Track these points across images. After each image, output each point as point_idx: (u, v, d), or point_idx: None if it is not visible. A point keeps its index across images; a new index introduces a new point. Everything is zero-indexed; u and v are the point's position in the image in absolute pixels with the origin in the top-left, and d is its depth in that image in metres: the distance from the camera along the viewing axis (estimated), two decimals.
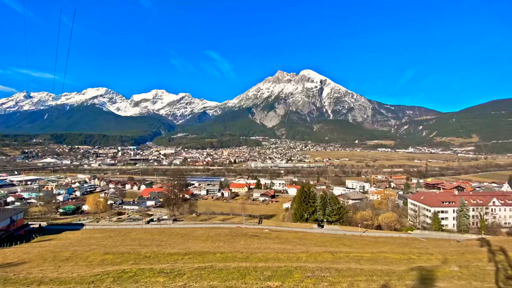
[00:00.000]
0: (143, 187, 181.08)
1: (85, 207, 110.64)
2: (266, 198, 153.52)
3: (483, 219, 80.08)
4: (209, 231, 59.86)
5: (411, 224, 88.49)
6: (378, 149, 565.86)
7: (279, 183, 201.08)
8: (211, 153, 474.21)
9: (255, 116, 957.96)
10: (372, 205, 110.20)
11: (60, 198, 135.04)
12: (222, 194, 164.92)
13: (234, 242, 47.09)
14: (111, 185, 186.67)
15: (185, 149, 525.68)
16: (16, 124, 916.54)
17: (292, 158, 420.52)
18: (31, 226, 67.04)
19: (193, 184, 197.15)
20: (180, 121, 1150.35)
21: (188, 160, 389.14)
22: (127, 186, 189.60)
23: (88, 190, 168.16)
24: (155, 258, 31.60)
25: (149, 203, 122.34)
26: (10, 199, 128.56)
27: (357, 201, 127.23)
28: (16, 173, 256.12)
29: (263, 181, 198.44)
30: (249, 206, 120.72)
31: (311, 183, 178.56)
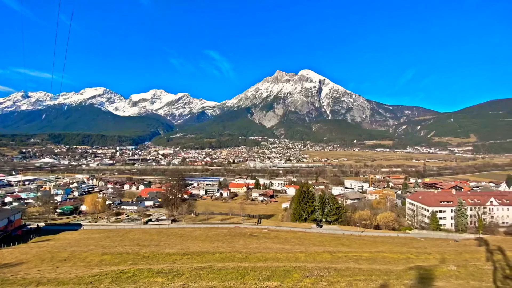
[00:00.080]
0: (141, 187, 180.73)
1: (83, 208, 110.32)
2: (265, 198, 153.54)
3: (481, 218, 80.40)
4: (208, 231, 59.76)
5: (409, 223, 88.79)
6: (376, 149, 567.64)
7: (278, 183, 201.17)
8: (210, 153, 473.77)
9: (254, 116, 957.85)
10: (371, 205, 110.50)
11: (58, 198, 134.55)
12: (221, 194, 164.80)
13: (233, 242, 47.05)
14: (110, 185, 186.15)
15: (184, 149, 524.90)
16: (13, 124, 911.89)
17: (291, 158, 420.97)
18: (29, 226, 66.67)
19: (192, 184, 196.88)
20: (179, 121, 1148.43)
21: (187, 160, 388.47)
22: (126, 186, 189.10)
23: (86, 190, 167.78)
24: (154, 258, 31.52)
25: (148, 203, 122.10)
26: (7, 199, 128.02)
27: (355, 201, 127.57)
28: (13, 173, 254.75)
29: (262, 181, 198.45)
30: (248, 206, 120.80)
31: (310, 183, 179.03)
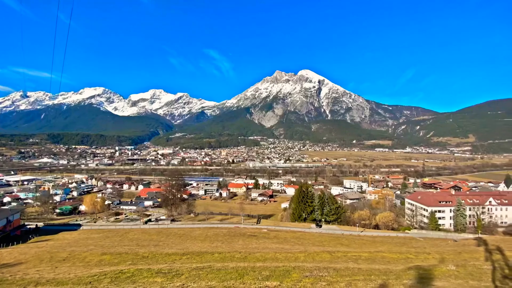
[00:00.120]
0: (140, 187, 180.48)
1: (82, 208, 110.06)
2: (264, 198, 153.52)
3: (480, 218, 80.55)
4: (207, 231, 59.72)
5: (409, 223, 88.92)
6: (375, 149, 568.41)
7: (277, 183, 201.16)
8: (209, 153, 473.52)
9: (253, 116, 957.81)
10: (370, 205, 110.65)
11: (57, 198, 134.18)
12: (220, 194, 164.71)
13: (232, 242, 47.02)
14: (109, 185, 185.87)
15: (183, 149, 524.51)
16: (12, 123, 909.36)
17: (290, 158, 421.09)
18: (28, 226, 66.52)
19: (191, 184, 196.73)
20: (178, 121, 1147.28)
21: (186, 160, 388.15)
22: (125, 186, 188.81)
23: (85, 190, 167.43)
24: (153, 258, 31.49)
25: (147, 203, 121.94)
26: (6, 199, 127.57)
27: (355, 200, 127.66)
28: (12, 173, 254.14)
29: (261, 181, 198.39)
30: (247, 206, 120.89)
31: (309, 183, 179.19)
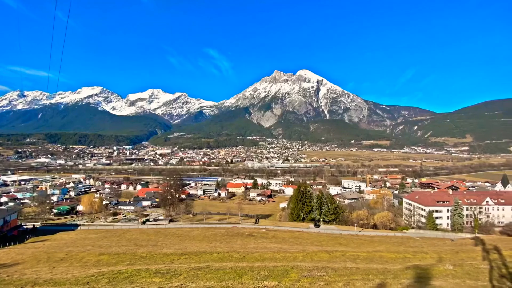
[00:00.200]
0: (139, 187, 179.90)
1: (80, 208, 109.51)
2: (263, 198, 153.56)
3: (477, 218, 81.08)
4: (205, 231, 59.65)
5: (406, 223, 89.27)
6: (373, 149, 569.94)
7: (276, 183, 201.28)
8: (208, 153, 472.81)
9: (252, 116, 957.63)
10: (368, 205, 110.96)
11: (54, 198, 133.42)
12: (219, 194, 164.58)
13: (230, 242, 47.00)
14: (107, 185, 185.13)
15: (182, 149, 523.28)
16: (9, 123, 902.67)
17: (289, 158, 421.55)
18: (25, 226, 66.18)
19: (190, 184, 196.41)
20: (177, 121, 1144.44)
21: (185, 160, 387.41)
22: (123, 186, 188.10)
23: (83, 190, 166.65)
24: (151, 258, 31.39)
25: (145, 203, 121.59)
26: (3, 199, 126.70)
27: (353, 200, 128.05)
28: (9, 173, 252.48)
29: (260, 181, 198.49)
30: (246, 206, 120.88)
31: (308, 182, 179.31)
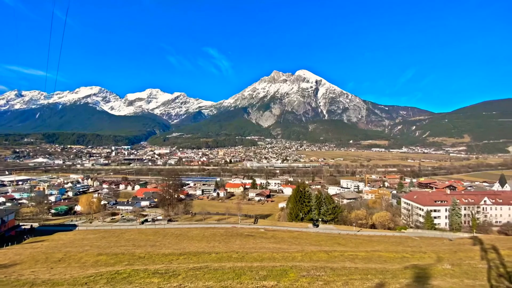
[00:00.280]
0: (137, 187, 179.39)
1: (78, 208, 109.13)
2: (261, 198, 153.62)
3: (475, 218, 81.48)
4: (204, 231, 59.58)
5: (405, 223, 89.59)
6: (372, 149, 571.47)
7: (275, 183, 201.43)
8: (207, 153, 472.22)
9: (251, 116, 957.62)
10: (367, 205, 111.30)
11: (52, 198, 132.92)
12: (218, 194, 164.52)
13: (229, 242, 46.97)
14: (105, 185, 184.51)
15: (180, 149, 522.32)
16: (7, 123, 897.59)
17: (288, 158, 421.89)
18: (23, 227, 65.84)
19: (188, 184, 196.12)
20: (175, 121, 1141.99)
21: (183, 160, 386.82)
22: (121, 186, 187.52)
23: (81, 190, 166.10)
24: (150, 258, 31.32)
25: (144, 203, 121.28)
26: (1, 199, 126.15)
27: (351, 200, 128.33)
28: (7, 173, 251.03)
29: (258, 181, 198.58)
30: (244, 206, 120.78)
31: (306, 182, 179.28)
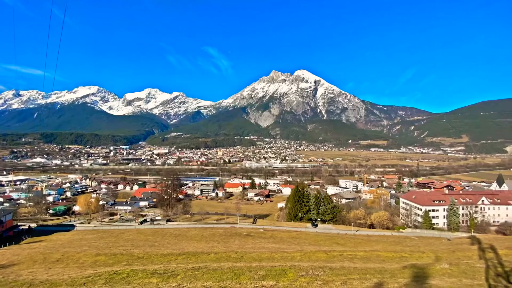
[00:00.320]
0: (136, 187, 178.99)
1: (76, 208, 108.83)
2: (260, 198, 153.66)
3: (473, 217, 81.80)
4: (203, 231, 59.52)
5: (403, 222, 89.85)
6: (371, 149, 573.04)
7: (274, 183, 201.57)
8: (206, 153, 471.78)
9: (250, 116, 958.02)
10: (365, 204, 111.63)
11: (50, 198, 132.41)
12: (217, 194, 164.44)
13: (228, 242, 46.95)
14: (103, 185, 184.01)
15: (179, 149, 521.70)
16: (4, 123, 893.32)
17: (287, 158, 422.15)
18: (21, 227, 65.64)
19: (187, 184, 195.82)
20: (174, 121, 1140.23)
21: (182, 160, 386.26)
22: (120, 186, 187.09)
23: (79, 190, 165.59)
24: (148, 259, 31.25)
25: (142, 203, 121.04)
26: None
27: (350, 200, 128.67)
28: (4, 173, 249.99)
29: (257, 181, 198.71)
30: (243, 206, 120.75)
31: (305, 182, 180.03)
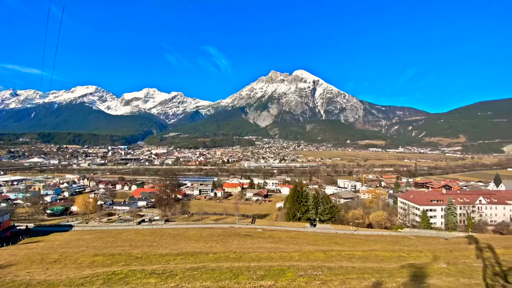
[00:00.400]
0: (134, 187, 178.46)
1: (74, 208, 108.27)
2: (259, 198, 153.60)
3: (470, 217, 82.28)
4: (201, 231, 59.46)
5: (401, 222, 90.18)
6: (369, 149, 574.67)
7: (272, 183, 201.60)
8: (204, 153, 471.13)
9: (249, 115, 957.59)
10: (363, 204, 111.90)
11: (48, 198, 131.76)
12: (215, 194, 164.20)
13: (227, 242, 46.93)
14: (101, 185, 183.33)
15: (178, 149, 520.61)
16: (1, 123, 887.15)
17: (285, 158, 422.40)
18: (18, 227, 65.27)
19: (186, 184, 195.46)
20: (172, 121, 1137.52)
21: (181, 159, 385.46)
22: (118, 187, 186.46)
23: (77, 190, 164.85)
24: (147, 259, 31.17)
25: (140, 203, 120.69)
26: None
27: (348, 200, 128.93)
28: (1, 173, 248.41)
29: (256, 181, 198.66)
30: (242, 206, 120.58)
31: (304, 182, 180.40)
